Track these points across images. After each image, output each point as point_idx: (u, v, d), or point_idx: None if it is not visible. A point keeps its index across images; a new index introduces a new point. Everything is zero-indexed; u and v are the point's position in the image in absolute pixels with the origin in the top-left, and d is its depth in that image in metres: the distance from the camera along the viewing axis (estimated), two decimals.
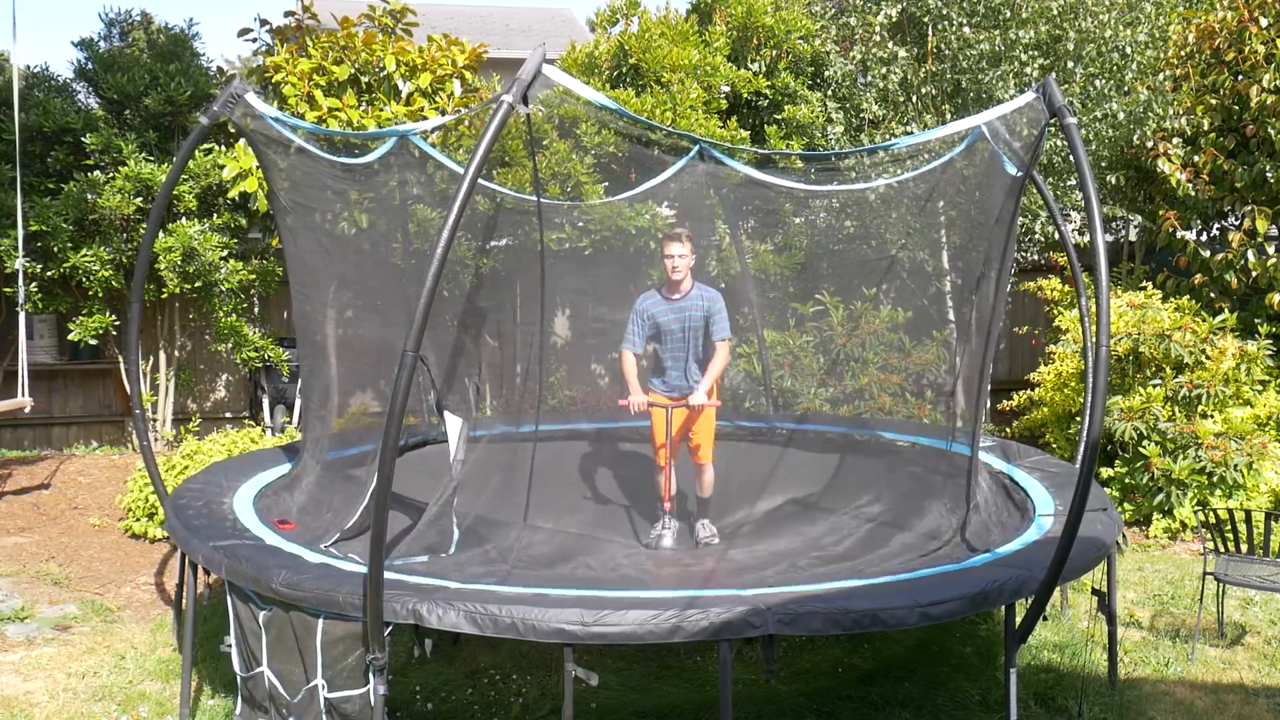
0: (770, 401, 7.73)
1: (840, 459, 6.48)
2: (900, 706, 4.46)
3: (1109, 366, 7.50)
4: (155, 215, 5.31)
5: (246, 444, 7.27)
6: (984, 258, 5.25)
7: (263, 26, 8.50)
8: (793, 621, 3.47)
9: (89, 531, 7.18)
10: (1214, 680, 4.83)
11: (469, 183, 3.30)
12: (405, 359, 3.24)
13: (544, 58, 3.63)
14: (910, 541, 5.00)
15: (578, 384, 8.44)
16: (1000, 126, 4.54)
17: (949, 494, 5.29)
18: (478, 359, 6.59)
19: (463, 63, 8.07)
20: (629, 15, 9.50)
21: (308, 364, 5.92)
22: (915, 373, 7.97)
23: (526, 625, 3.42)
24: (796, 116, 9.14)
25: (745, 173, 6.64)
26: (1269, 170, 8.11)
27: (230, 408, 10.23)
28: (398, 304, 6.09)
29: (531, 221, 6.90)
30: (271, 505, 5.06)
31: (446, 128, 7.64)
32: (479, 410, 7.15)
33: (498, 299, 7.71)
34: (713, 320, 5.63)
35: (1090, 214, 3.56)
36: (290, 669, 3.85)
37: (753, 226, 8.41)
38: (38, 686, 4.74)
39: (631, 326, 5.72)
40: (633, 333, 5.71)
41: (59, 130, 8.87)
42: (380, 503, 3.38)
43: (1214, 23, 8.60)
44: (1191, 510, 7.04)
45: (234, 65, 14.77)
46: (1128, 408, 7.38)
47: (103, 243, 8.63)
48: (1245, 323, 8.26)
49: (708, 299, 5.64)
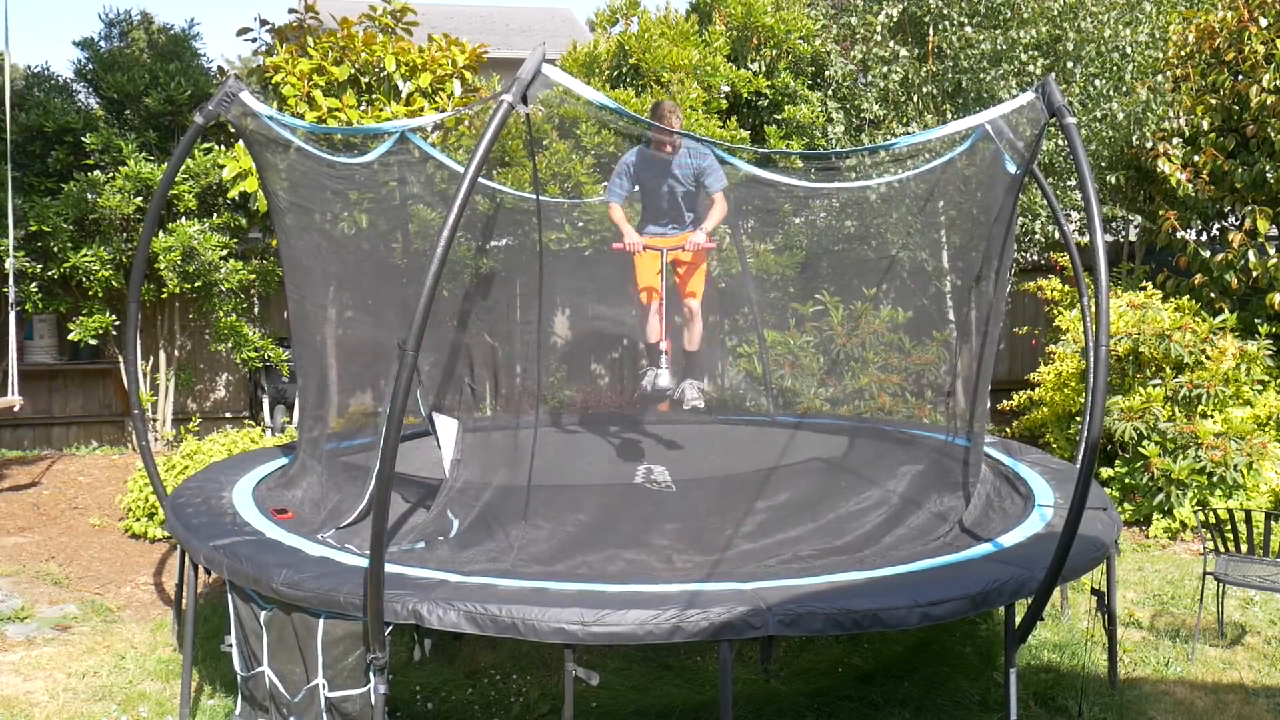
0: (770, 401, 7.73)
1: (841, 451, 6.48)
2: (900, 706, 4.46)
3: (1109, 366, 7.55)
4: (152, 215, 5.30)
5: (246, 444, 7.27)
6: (984, 257, 5.25)
7: (263, 26, 8.50)
8: (793, 622, 3.47)
9: (89, 531, 7.18)
10: (1214, 680, 4.83)
11: (469, 183, 3.30)
12: (405, 358, 3.25)
13: (544, 57, 3.62)
14: (912, 531, 4.99)
15: (578, 384, 8.45)
16: (1002, 125, 4.54)
17: (950, 483, 5.29)
18: (477, 359, 6.59)
19: (463, 63, 8.07)
20: (629, 15, 9.50)
21: (304, 365, 5.91)
22: (915, 373, 7.97)
23: (526, 625, 3.42)
24: (796, 116, 9.15)
25: (745, 170, 6.64)
26: (1269, 170, 8.11)
27: (230, 408, 10.23)
28: (397, 304, 6.08)
29: (531, 221, 6.90)
30: (267, 498, 5.06)
31: (446, 127, 7.64)
32: (478, 410, 7.15)
33: (497, 299, 7.71)
34: (705, 175, 5.57)
35: (1090, 214, 3.55)
36: (291, 669, 3.85)
37: (753, 226, 8.41)
38: (38, 686, 4.74)
39: (616, 179, 5.64)
40: (616, 184, 5.64)
41: (59, 130, 8.87)
42: (380, 502, 3.39)
43: (1214, 23, 8.60)
44: (1191, 510, 7.04)
45: (234, 65, 14.77)
46: (1128, 408, 7.38)
47: (103, 242, 8.63)
48: (1245, 323, 8.26)
49: (696, 155, 5.58)
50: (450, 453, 4.89)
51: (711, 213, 5.60)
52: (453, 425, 4.90)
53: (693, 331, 5.79)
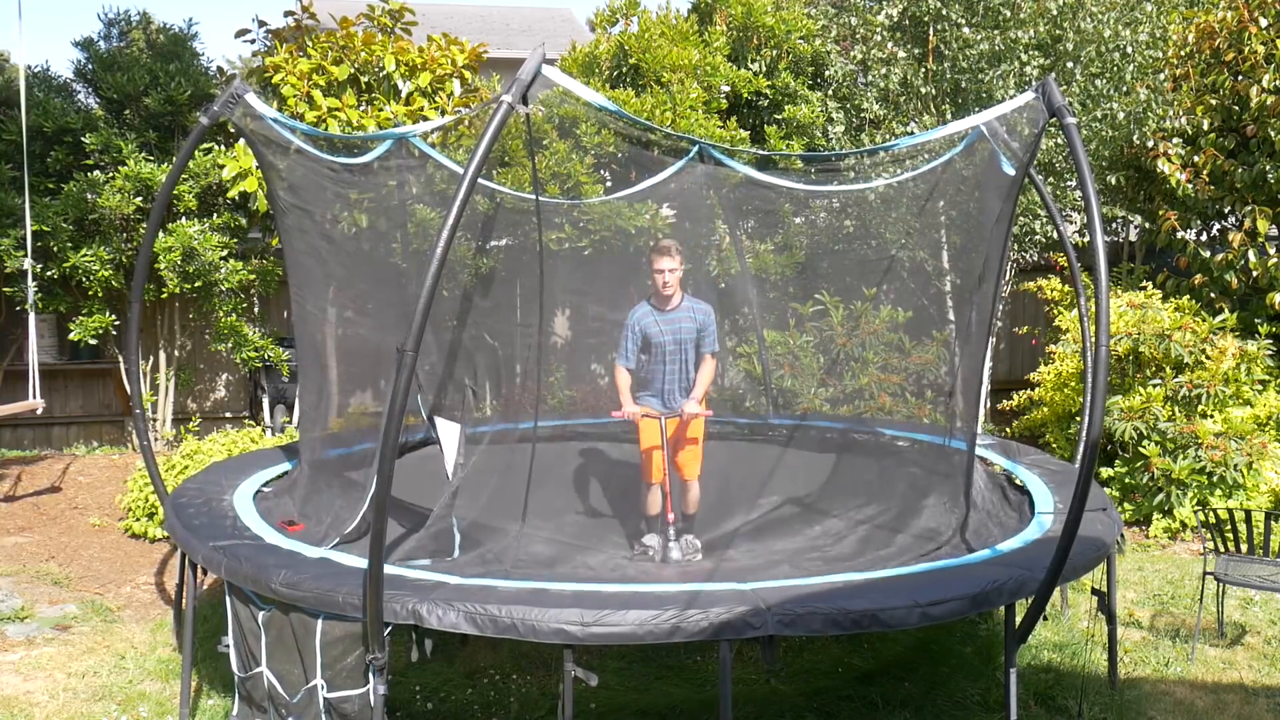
0: (770, 401, 7.73)
1: (839, 458, 6.48)
2: (900, 706, 4.46)
3: (1109, 366, 7.54)
4: (155, 215, 5.31)
5: (246, 444, 7.27)
6: (983, 257, 5.25)
7: (260, 28, 8.50)
8: (793, 622, 3.47)
9: (89, 531, 7.19)
10: (1214, 680, 4.83)
11: (469, 182, 3.30)
12: (405, 358, 3.25)
13: (544, 58, 3.63)
14: (910, 541, 5.00)
15: (577, 384, 8.44)
16: (999, 126, 4.54)
17: (948, 492, 5.29)
18: (476, 359, 6.58)
19: (462, 62, 8.06)
20: (629, 15, 9.50)
21: (306, 365, 5.92)
22: (915, 373, 7.96)
23: (526, 626, 3.42)
24: (797, 116, 9.14)
25: (745, 173, 6.64)
26: (1269, 170, 8.11)
27: (230, 407, 10.23)
28: (397, 304, 6.08)
29: (531, 221, 6.90)
30: (272, 507, 5.06)
31: (446, 128, 7.63)
32: (479, 410, 7.15)
33: (497, 299, 7.70)
34: (704, 333, 5.62)
35: (1090, 214, 3.56)
36: (289, 669, 3.85)
37: (753, 226, 8.41)
38: (38, 686, 4.74)
39: (625, 342, 5.65)
40: (626, 348, 5.64)
41: (59, 130, 8.87)
42: (380, 502, 3.39)
43: (1214, 23, 8.60)
44: (1191, 510, 7.03)
45: (234, 65, 14.77)
46: (1128, 408, 7.38)
47: (102, 242, 8.63)
48: (1245, 323, 8.26)
49: (700, 312, 5.63)
50: (452, 456, 4.89)
51: (700, 376, 5.62)
52: (454, 429, 4.89)
53: (689, 499, 5.82)
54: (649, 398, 5.73)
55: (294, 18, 8.23)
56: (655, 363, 5.69)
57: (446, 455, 4.94)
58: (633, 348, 5.66)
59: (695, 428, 5.72)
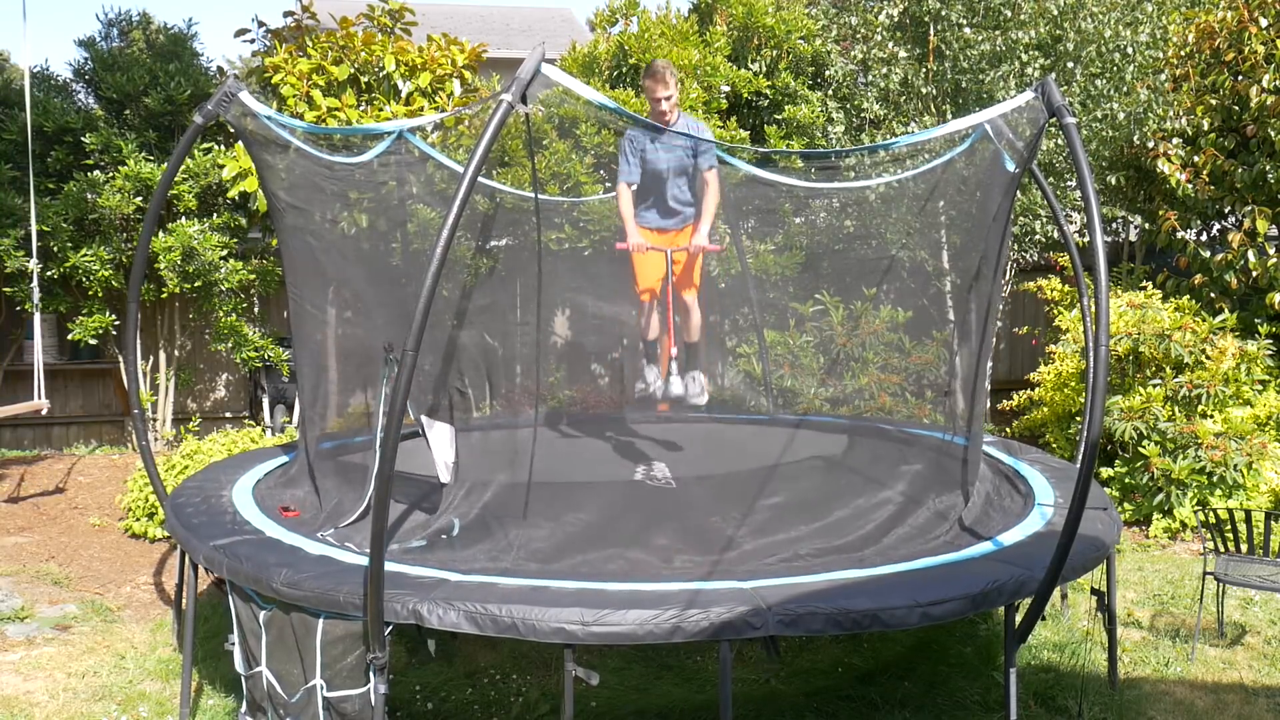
0: (770, 401, 7.73)
1: (840, 450, 6.47)
2: (900, 706, 4.46)
3: (1109, 366, 7.55)
4: (151, 215, 5.31)
5: (246, 443, 7.27)
6: (982, 256, 5.25)
7: (260, 28, 8.50)
8: (793, 622, 3.46)
9: (89, 531, 7.18)
10: (1214, 680, 4.83)
11: (469, 182, 3.30)
12: (406, 358, 3.25)
13: (543, 57, 3.62)
14: (912, 530, 4.98)
15: (577, 384, 8.44)
16: (1002, 124, 4.54)
17: (949, 482, 5.28)
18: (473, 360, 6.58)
19: (462, 62, 8.06)
20: (629, 15, 9.50)
21: (304, 365, 5.91)
22: (915, 373, 7.96)
23: (526, 625, 3.42)
24: (797, 116, 9.14)
25: (745, 170, 6.63)
26: (1269, 170, 8.12)
27: (230, 407, 10.23)
28: (397, 304, 6.07)
29: (531, 221, 6.90)
30: (270, 496, 5.06)
31: (445, 126, 7.63)
32: (477, 411, 7.15)
33: (497, 299, 7.70)
34: (699, 149, 5.58)
35: (1090, 214, 3.55)
36: (289, 669, 3.85)
37: (753, 226, 8.40)
38: (38, 686, 4.74)
39: (623, 158, 5.60)
40: (628, 163, 5.58)
41: (59, 130, 8.87)
42: (380, 501, 3.38)
43: (1214, 23, 8.61)
44: (1191, 510, 7.03)
45: (234, 65, 14.77)
46: (1128, 408, 7.38)
47: (102, 242, 8.63)
48: (1245, 323, 8.26)
49: (694, 128, 5.61)
50: (442, 457, 4.87)
51: (706, 202, 5.57)
52: (446, 430, 4.88)
53: (692, 323, 5.75)
54: (646, 211, 5.70)
55: (294, 18, 8.23)
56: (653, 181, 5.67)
57: (436, 457, 4.92)
58: (634, 160, 5.61)
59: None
